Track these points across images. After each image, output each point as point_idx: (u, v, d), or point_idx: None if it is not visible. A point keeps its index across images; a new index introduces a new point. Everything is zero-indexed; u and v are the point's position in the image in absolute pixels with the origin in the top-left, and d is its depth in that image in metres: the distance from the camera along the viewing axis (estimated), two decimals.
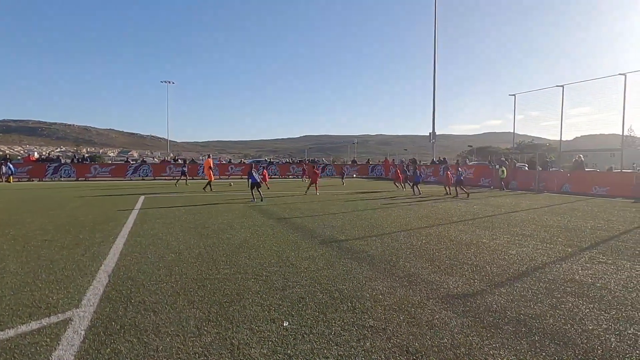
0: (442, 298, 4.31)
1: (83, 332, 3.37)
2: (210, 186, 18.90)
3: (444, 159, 35.63)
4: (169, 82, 62.47)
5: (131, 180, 29.41)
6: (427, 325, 3.58)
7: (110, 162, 45.35)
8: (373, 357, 3.01)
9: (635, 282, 4.92)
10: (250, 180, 14.53)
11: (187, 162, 32.77)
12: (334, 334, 3.39)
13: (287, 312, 3.85)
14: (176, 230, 8.29)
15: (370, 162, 41.85)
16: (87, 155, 65.02)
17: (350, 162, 42.02)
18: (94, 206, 12.57)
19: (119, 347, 3.13)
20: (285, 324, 3.58)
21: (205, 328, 3.48)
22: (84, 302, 4.10)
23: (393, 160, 44.21)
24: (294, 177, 34.79)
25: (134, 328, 3.47)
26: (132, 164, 33.37)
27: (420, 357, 3.01)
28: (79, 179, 28.84)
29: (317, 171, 17.39)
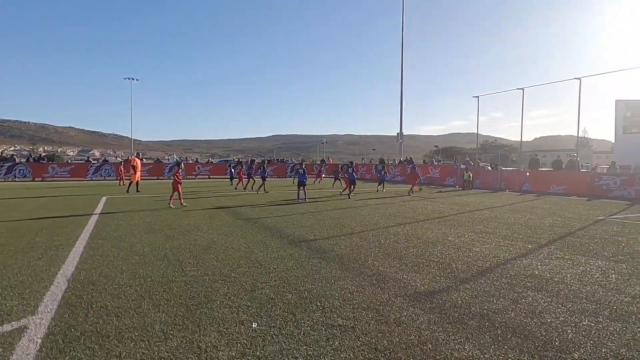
0: (410, 295, 4.39)
1: (40, 340, 3.21)
2: (136, 186, 17.73)
3: (411, 158, 36.37)
4: (133, 79, 60.60)
5: (92, 180, 28.26)
6: (395, 323, 3.63)
7: (69, 161, 43.31)
8: (342, 355, 3.03)
9: (589, 276, 5.18)
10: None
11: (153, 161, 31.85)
12: (303, 333, 3.39)
13: (256, 313, 3.81)
14: (140, 232, 8.03)
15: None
16: (44, 154, 61.99)
17: (319, 162, 42.09)
18: (51, 208, 11.99)
19: (78, 354, 3.00)
20: (254, 325, 3.54)
21: (171, 332, 3.39)
22: (40, 308, 3.90)
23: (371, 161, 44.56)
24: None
25: (95, 334, 3.34)
26: (94, 163, 32.02)
27: (388, 354, 3.05)
28: (35, 180, 27.41)
29: (178, 177, 12.82)
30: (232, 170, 24.67)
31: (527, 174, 21.78)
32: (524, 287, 4.74)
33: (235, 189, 19.96)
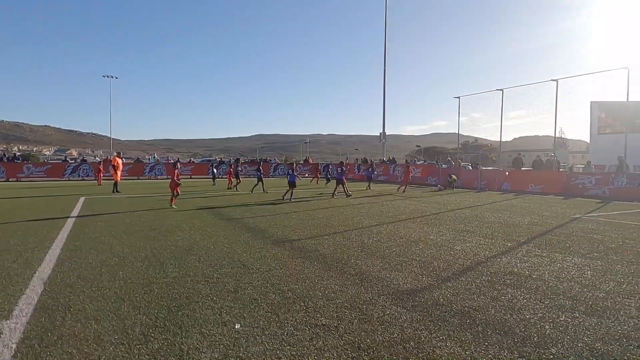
0: (392, 294, 4.43)
1: (14, 345, 3.11)
2: (116, 187, 17.25)
3: (393, 158, 36.69)
4: (112, 77, 59.37)
5: (70, 180, 27.56)
6: (378, 321, 3.66)
7: (45, 161, 42.09)
8: (326, 355, 3.03)
9: (566, 273, 5.32)
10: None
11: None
12: (287, 334, 3.38)
13: (239, 315, 3.78)
14: (120, 233, 7.88)
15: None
16: (18, 153, 60.17)
17: (302, 162, 42.03)
18: (26, 209, 11.66)
19: (55, 359, 2.92)
20: (237, 326, 3.52)
21: (152, 334, 3.34)
22: (15, 312, 3.78)
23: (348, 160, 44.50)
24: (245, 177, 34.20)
25: (73, 338, 3.26)
26: (71, 163, 31.23)
27: (371, 353, 3.07)
28: (10, 180, 26.57)
29: (177, 178, 12.22)
30: (214, 170, 24.43)
31: (507, 173, 22.21)
32: (503, 284, 4.83)
33: (229, 188, 19.67)
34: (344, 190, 16.33)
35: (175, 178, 12.16)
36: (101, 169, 23.41)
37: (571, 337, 3.38)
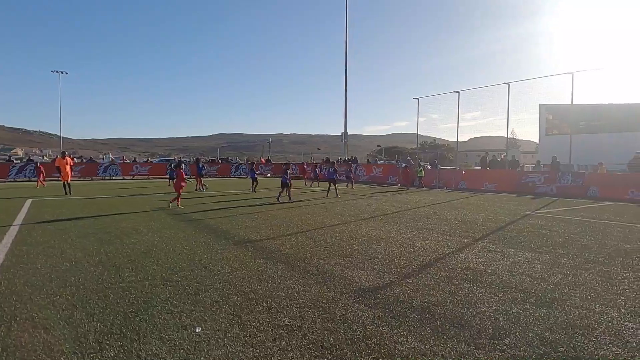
0: (355, 292, 4.48)
1: None
2: (64, 188, 16.30)
3: (355, 158, 37.12)
4: (62, 72, 56.21)
5: (15, 182, 25.89)
6: (340, 320, 3.69)
7: None
8: (289, 355, 3.02)
9: (518, 267, 5.59)
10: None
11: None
12: (249, 335, 3.34)
13: (200, 318, 3.70)
14: (72, 236, 7.49)
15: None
16: None
17: (264, 161, 41.66)
18: None
19: None
20: (198, 329, 3.44)
21: (107, 342, 3.20)
22: None
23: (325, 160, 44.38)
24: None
25: (19, 349, 3.06)
26: (16, 163, 29.39)
27: (334, 351, 3.09)
28: None
29: (182, 177, 12.43)
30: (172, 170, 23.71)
31: (463, 172, 23.06)
32: (460, 279, 5.01)
33: (197, 190, 18.98)
34: (334, 189, 16.24)
35: (180, 178, 12.19)
36: (42, 169, 21.72)
37: (523, 327, 3.56)
